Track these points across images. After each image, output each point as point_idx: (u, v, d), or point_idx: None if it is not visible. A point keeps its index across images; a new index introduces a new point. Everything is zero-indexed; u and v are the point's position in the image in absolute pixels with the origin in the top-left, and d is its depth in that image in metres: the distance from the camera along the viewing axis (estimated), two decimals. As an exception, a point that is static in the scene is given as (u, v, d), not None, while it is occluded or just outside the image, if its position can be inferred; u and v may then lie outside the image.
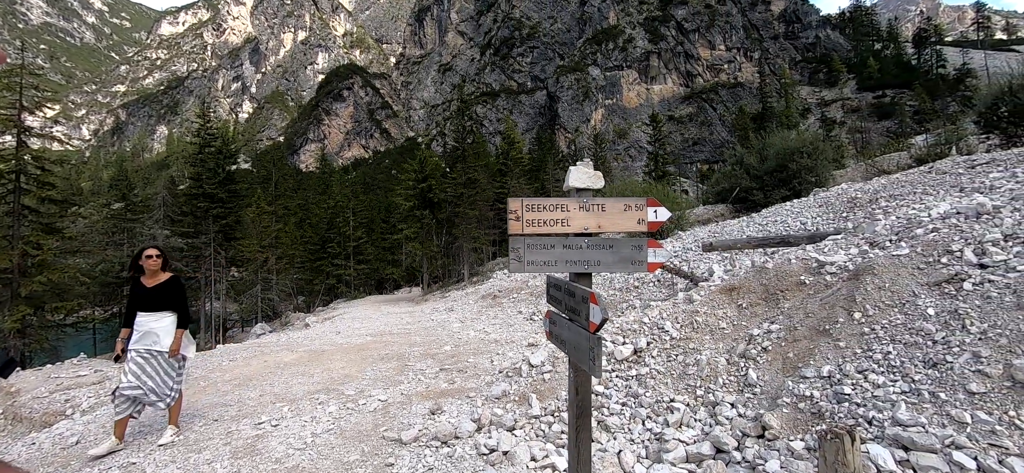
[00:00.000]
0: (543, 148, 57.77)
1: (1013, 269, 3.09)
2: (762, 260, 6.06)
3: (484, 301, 13.46)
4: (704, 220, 18.25)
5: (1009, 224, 3.66)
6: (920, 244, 3.92)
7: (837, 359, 3.22)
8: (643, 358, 4.43)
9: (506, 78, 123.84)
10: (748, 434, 3.01)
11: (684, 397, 3.75)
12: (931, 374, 2.72)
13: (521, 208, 1.96)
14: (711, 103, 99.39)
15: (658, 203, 2.06)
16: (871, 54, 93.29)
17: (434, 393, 5.15)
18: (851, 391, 2.89)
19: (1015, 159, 8.30)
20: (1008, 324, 2.72)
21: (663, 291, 8.14)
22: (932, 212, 5.11)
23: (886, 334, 3.19)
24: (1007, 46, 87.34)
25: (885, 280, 3.61)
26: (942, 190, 7.90)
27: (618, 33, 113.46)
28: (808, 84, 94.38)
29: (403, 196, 34.51)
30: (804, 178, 16.63)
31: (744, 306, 4.70)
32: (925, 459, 2.21)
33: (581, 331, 1.81)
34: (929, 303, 3.22)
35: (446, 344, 8.03)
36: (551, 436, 3.62)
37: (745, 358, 3.84)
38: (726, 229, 12.73)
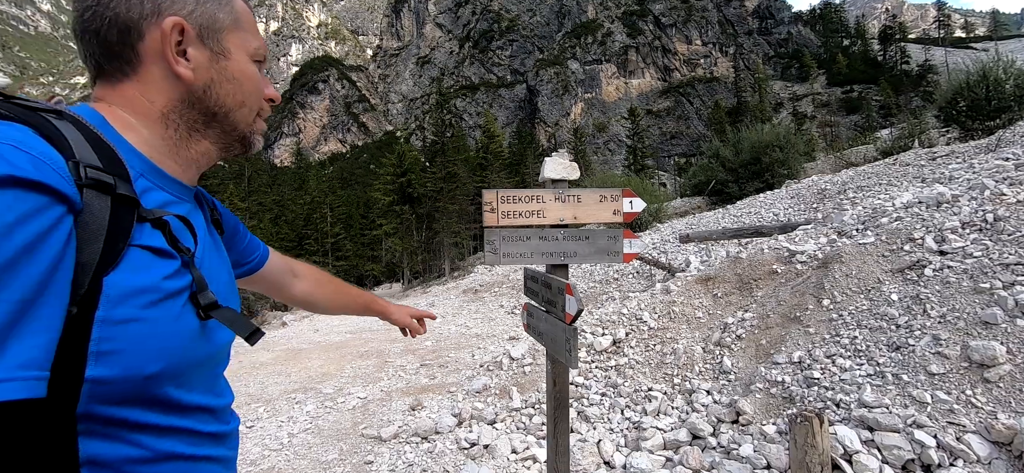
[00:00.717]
0: (523, 142, 57.82)
1: (970, 255, 3.23)
2: (737, 250, 6.20)
3: (465, 296, 13.42)
4: (681, 212, 18.61)
5: (967, 212, 3.83)
6: (885, 233, 4.07)
7: (807, 345, 3.32)
8: (622, 348, 4.49)
9: (485, 71, 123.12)
10: (723, 420, 3.08)
11: (662, 386, 3.82)
12: (894, 357, 2.82)
13: (496, 200, 1.94)
14: (688, 97, 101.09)
15: (633, 194, 2.07)
16: (840, 50, 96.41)
17: (414, 389, 5.10)
18: (820, 375, 2.98)
19: (972, 151, 8.71)
20: (965, 307, 2.84)
21: (642, 282, 8.26)
22: (896, 202, 5.31)
23: (853, 319, 3.30)
24: (966, 44, 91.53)
25: (852, 268, 3.74)
26: (905, 181, 8.23)
27: (597, 27, 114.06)
28: (780, 79, 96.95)
29: (382, 191, 34.07)
30: (777, 171, 17.10)
31: (719, 295, 4.80)
32: (889, 438, 2.30)
33: (558, 323, 1.81)
34: (893, 289, 3.34)
35: (427, 339, 7.97)
36: (532, 428, 3.64)
37: (720, 346, 3.92)
38: (702, 221, 13.00)
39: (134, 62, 0.58)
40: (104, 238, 0.47)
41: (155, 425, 0.53)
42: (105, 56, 0.58)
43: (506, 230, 1.97)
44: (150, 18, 0.57)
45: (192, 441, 0.58)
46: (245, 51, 0.66)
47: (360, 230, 39.67)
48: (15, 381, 0.39)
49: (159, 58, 0.59)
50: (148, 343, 0.49)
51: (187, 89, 0.61)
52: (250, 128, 0.68)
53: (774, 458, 2.52)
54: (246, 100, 0.66)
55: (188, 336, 0.54)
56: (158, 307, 0.51)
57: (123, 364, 0.47)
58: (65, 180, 0.44)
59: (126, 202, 0.50)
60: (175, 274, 0.54)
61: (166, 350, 0.51)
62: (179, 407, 0.56)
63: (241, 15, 0.66)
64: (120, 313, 0.47)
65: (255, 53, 0.67)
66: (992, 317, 2.65)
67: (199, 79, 0.61)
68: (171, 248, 0.54)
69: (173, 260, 0.54)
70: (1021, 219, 3.34)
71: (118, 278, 0.48)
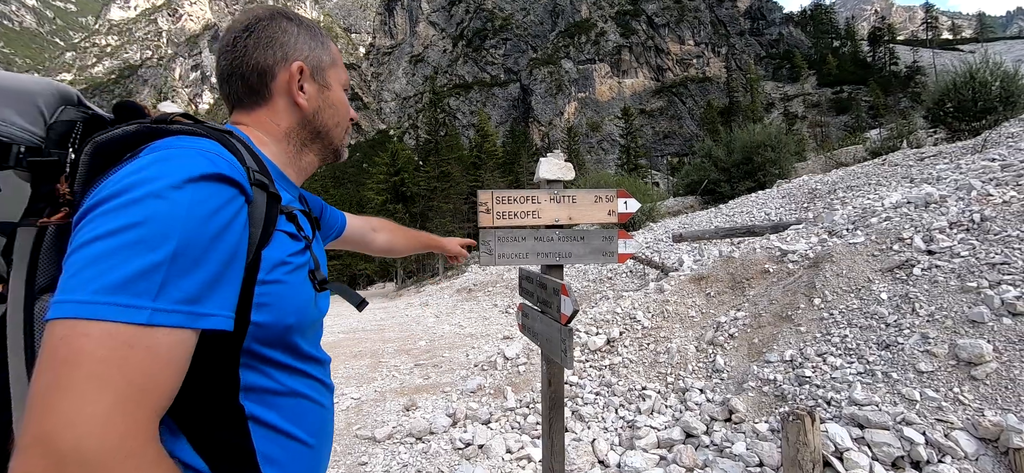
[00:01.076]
0: (517, 141, 57.83)
1: (957, 255, 3.28)
2: (729, 250, 6.25)
3: (459, 295, 13.40)
4: (674, 212, 18.71)
5: (954, 212, 3.89)
6: (874, 232, 4.12)
7: (798, 343, 3.36)
8: (616, 348, 4.50)
9: (479, 70, 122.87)
10: (716, 418, 3.10)
11: (655, 385, 3.84)
12: (884, 355, 2.86)
13: (491, 200, 1.94)
14: (681, 97, 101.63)
15: (628, 194, 2.07)
16: (830, 51, 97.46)
17: (408, 389, 5.09)
18: (811, 374, 3.01)
19: (959, 152, 8.84)
20: (953, 306, 2.89)
21: (635, 282, 8.30)
22: (885, 202, 5.38)
23: (843, 318, 3.34)
24: (952, 45, 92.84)
25: (842, 267, 3.78)
26: (894, 181, 8.35)
27: (590, 27, 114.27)
28: (772, 79, 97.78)
29: (375, 190, 33.89)
30: (768, 171, 17.25)
31: (712, 295, 4.83)
32: (879, 436, 2.33)
33: (553, 323, 1.81)
34: (882, 288, 3.39)
35: (421, 339, 7.95)
36: (526, 428, 3.64)
37: (713, 345, 3.95)
38: (695, 220, 13.08)
39: (266, 95, 0.78)
40: (263, 223, 0.64)
41: (288, 365, 0.70)
42: (246, 92, 0.78)
43: (501, 230, 1.97)
44: (281, 63, 0.78)
45: (311, 385, 0.75)
46: (339, 83, 0.87)
47: (353, 229, 39.34)
48: (219, 316, 0.56)
49: (285, 92, 0.79)
50: (288, 301, 0.67)
51: (303, 114, 0.81)
52: (341, 142, 0.89)
53: (766, 456, 2.55)
54: (341, 121, 0.87)
55: (309, 300, 0.71)
56: (293, 275, 0.68)
57: (273, 314, 0.65)
58: (245, 180, 0.61)
59: (274, 198, 0.67)
60: (301, 253, 0.71)
61: (298, 308, 0.68)
62: (303, 354, 0.73)
63: (336, 56, 0.87)
64: (272, 277, 0.65)
65: (344, 83, 0.88)
66: (979, 316, 2.69)
67: (311, 106, 0.81)
68: (298, 234, 0.72)
69: (300, 243, 0.72)
70: (1007, 219, 3.40)
71: (270, 252, 0.65)
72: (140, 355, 0.48)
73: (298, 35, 0.80)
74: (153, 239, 0.50)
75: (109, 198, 0.52)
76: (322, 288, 0.74)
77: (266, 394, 0.67)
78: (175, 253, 0.51)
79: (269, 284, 0.64)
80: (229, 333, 0.58)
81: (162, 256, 0.51)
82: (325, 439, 0.80)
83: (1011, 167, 4.85)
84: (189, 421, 0.60)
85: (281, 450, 0.68)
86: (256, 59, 0.76)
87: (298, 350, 0.72)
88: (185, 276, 0.52)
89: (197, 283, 0.53)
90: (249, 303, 0.61)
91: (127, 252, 0.49)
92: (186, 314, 0.52)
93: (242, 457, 0.63)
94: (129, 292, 0.49)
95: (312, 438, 0.74)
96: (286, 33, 0.79)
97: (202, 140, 0.61)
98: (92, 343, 0.46)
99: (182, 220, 0.52)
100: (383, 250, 1.39)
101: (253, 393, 0.65)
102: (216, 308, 0.55)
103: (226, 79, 0.78)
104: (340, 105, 0.86)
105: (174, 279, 0.51)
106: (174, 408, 0.56)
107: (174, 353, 0.52)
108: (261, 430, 0.66)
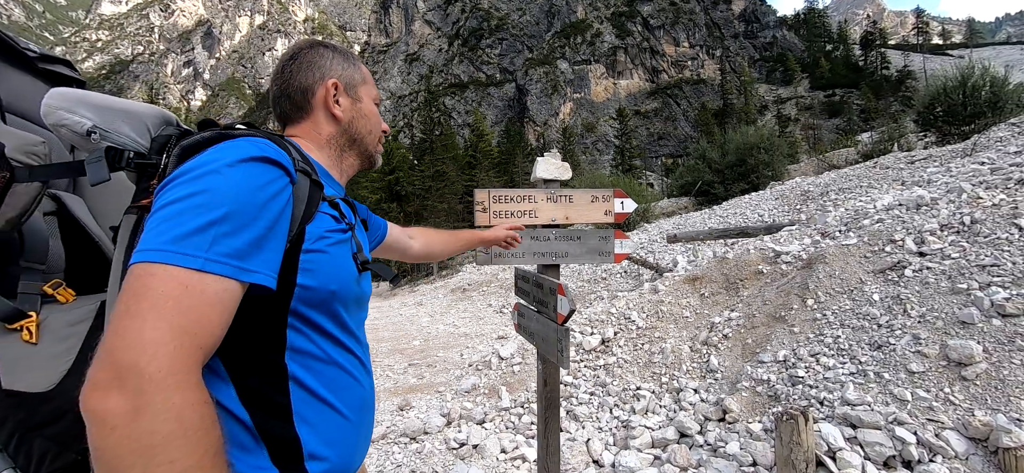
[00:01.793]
0: (512, 141, 57.80)
1: (948, 256, 3.32)
2: (723, 251, 6.29)
3: (454, 295, 13.37)
4: (669, 213, 18.79)
5: (945, 215, 3.93)
6: (866, 234, 4.16)
7: (792, 344, 3.38)
8: (610, 348, 4.51)
9: (475, 70, 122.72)
10: (710, 418, 3.11)
11: (650, 385, 3.85)
12: (876, 356, 2.89)
13: (488, 199, 1.93)
14: (675, 99, 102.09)
15: (625, 194, 2.07)
16: (823, 55, 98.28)
17: (403, 389, 5.07)
18: (805, 374, 3.03)
19: (949, 155, 8.95)
20: (944, 307, 2.92)
21: (630, 282, 8.32)
22: (877, 204, 5.44)
23: (836, 319, 3.37)
24: (943, 50, 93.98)
25: (835, 268, 3.81)
26: (886, 184, 8.43)
27: (586, 27, 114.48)
28: (765, 82, 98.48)
29: (369, 189, 33.73)
30: (762, 172, 17.38)
31: (706, 295, 4.86)
32: (871, 435, 2.35)
33: (549, 323, 1.81)
34: (874, 289, 3.42)
35: (415, 339, 7.92)
36: (521, 427, 3.63)
37: (707, 345, 3.97)
38: (689, 221, 13.15)
39: (309, 109, 0.93)
40: (306, 203, 0.74)
41: (331, 334, 0.79)
42: (292, 108, 0.93)
43: (498, 230, 1.96)
44: (319, 82, 0.92)
45: (351, 362, 0.83)
46: (369, 98, 1.00)
47: (347, 228, 39.20)
48: (262, 273, 0.65)
49: (323, 105, 0.93)
50: (330, 269, 0.77)
51: (339, 124, 0.94)
52: (375, 149, 1.03)
53: (760, 455, 2.56)
54: (372, 130, 1.00)
55: (352, 275, 0.82)
56: (336, 248, 0.79)
57: (318, 278, 0.75)
58: (290, 165, 0.72)
59: (317, 185, 0.79)
60: (342, 232, 0.82)
61: (339, 277, 0.78)
62: (345, 325, 0.82)
63: (367, 76, 1.01)
64: (316, 246, 0.75)
65: (375, 98, 1.03)
66: (969, 317, 2.73)
67: (346, 117, 0.95)
68: (341, 218, 0.83)
69: (342, 224, 0.83)
70: (996, 222, 3.45)
71: (313, 227, 0.75)
72: (193, 296, 0.58)
73: (333, 58, 0.95)
74: (210, 204, 0.61)
75: (180, 175, 0.65)
76: (364, 268, 0.85)
77: (309, 358, 0.75)
78: (226, 215, 0.62)
79: (313, 253, 0.74)
80: (274, 293, 0.68)
81: (216, 216, 0.61)
82: (365, 417, 0.87)
83: (1000, 170, 4.92)
84: (238, 371, 0.69)
85: (317, 414, 0.75)
86: (300, 80, 0.92)
87: (340, 319, 0.81)
88: (234, 235, 0.62)
89: (244, 242, 0.63)
90: (295, 268, 0.72)
91: (190, 213, 0.61)
92: (233, 267, 0.62)
93: (280, 412, 0.71)
94: (189, 244, 0.59)
95: (351, 412, 0.81)
96: (323, 58, 0.94)
97: (259, 139, 0.73)
98: (157, 281, 0.57)
99: (234, 190, 0.63)
100: (420, 255, 1.47)
101: (297, 355, 0.74)
102: (259, 265, 0.65)
103: (277, 100, 0.94)
104: (371, 116, 0.99)
105: (224, 237, 0.61)
106: (227, 359, 0.68)
107: (221, 298, 0.61)
108: (300, 391, 0.73)
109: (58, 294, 0.91)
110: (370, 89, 1.01)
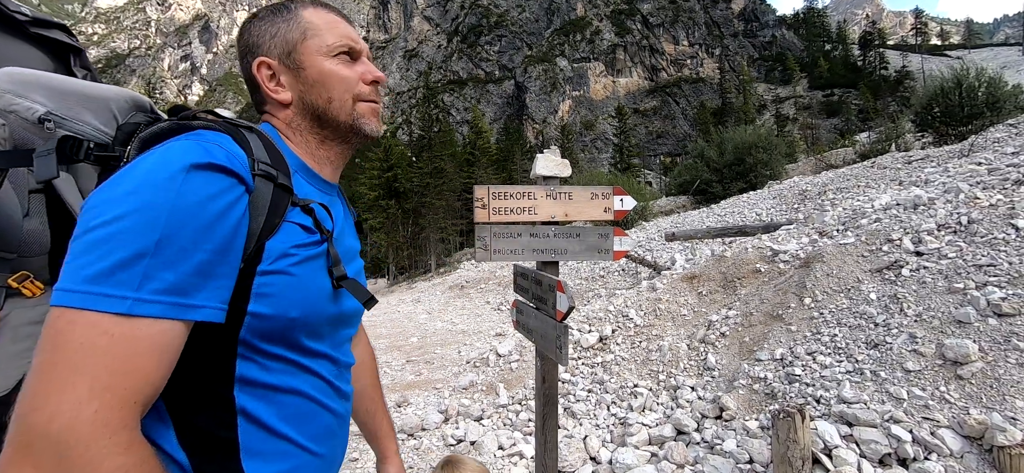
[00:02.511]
0: (511, 138, 57.76)
1: (945, 256, 3.33)
2: (721, 249, 6.30)
3: (452, 292, 13.37)
4: (667, 211, 18.82)
5: (942, 215, 3.95)
6: (864, 233, 4.17)
7: (789, 342, 3.39)
8: (608, 345, 4.52)
9: (474, 66, 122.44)
10: (707, 415, 3.13)
11: (647, 382, 3.86)
12: (873, 354, 2.90)
13: (488, 196, 1.93)
14: (674, 97, 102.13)
15: (624, 192, 2.08)
16: (822, 54, 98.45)
17: (400, 386, 5.07)
18: (801, 372, 3.05)
19: (946, 155, 8.98)
20: (940, 307, 2.93)
21: (628, 280, 8.34)
22: (875, 204, 5.45)
23: (833, 318, 3.38)
24: (941, 51, 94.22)
25: (833, 267, 3.83)
26: (883, 183, 8.46)
27: (586, 25, 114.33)
28: (764, 81, 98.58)
29: (368, 185, 33.65)
30: (760, 171, 17.42)
31: (704, 293, 4.87)
32: (867, 433, 2.36)
33: (548, 320, 1.81)
34: (871, 288, 3.43)
35: (413, 336, 7.92)
36: (518, 424, 3.64)
37: (705, 343, 3.98)
38: (687, 219, 13.17)
39: (262, 98, 0.78)
40: (267, 213, 0.63)
41: (292, 360, 0.68)
42: (256, 98, 0.79)
43: (497, 226, 1.96)
44: (252, 64, 0.76)
45: (319, 387, 0.72)
46: (319, 54, 0.76)
47: (345, 224, 39.09)
48: (208, 308, 0.56)
49: (268, 92, 0.77)
50: (292, 293, 0.65)
51: (290, 107, 0.77)
52: (351, 116, 0.77)
53: (756, 453, 2.57)
54: (332, 95, 0.76)
55: (323, 295, 0.69)
56: (302, 267, 0.66)
57: (275, 305, 0.63)
58: (245, 170, 0.61)
59: (283, 189, 0.66)
60: (315, 245, 0.69)
61: (305, 301, 0.66)
62: (311, 351, 0.70)
63: (309, 25, 0.76)
64: (276, 267, 0.63)
65: (332, 48, 0.76)
66: (965, 316, 2.74)
67: (293, 95, 0.76)
68: (315, 228, 0.70)
69: (315, 235, 0.69)
70: (993, 222, 3.46)
71: (275, 243, 0.64)
72: (121, 345, 0.50)
73: (261, 29, 0.76)
74: (139, 228, 0.51)
75: (106, 189, 0.54)
76: (340, 285, 0.71)
77: (263, 389, 0.65)
78: (160, 242, 0.52)
79: (271, 274, 0.63)
80: (222, 324, 0.58)
81: (147, 244, 0.51)
82: (334, 448, 0.75)
83: (997, 171, 4.93)
84: (179, 409, 0.60)
85: (272, 448, 0.66)
86: (244, 68, 0.78)
87: (304, 348, 0.69)
88: (171, 266, 0.52)
89: (184, 272, 0.53)
90: (247, 294, 0.61)
91: (115, 242, 0.51)
92: (170, 305, 0.52)
93: (224, 450, 0.62)
94: (112, 282, 0.50)
95: (315, 444, 0.70)
96: (252, 34, 0.77)
97: (216, 134, 0.63)
98: (75, 330, 0.49)
99: (169, 210, 0.53)
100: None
101: (249, 387, 0.64)
102: (205, 299, 0.55)
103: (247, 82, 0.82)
104: (328, 78, 0.75)
105: (159, 269, 0.52)
106: (167, 395, 0.58)
107: (157, 343, 0.52)
108: (251, 427, 0.64)
109: (24, 288, 0.80)
110: (320, 39, 0.76)
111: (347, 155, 0.84)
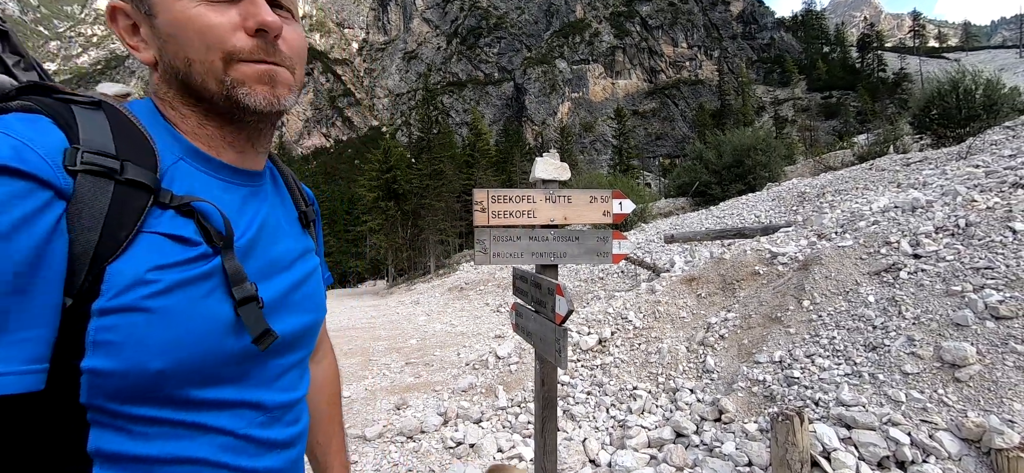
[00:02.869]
0: (510, 140, 57.79)
1: (942, 259, 3.34)
2: (720, 251, 6.31)
3: (451, 294, 13.37)
4: (666, 213, 18.84)
5: (940, 217, 3.96)
6: (862, 236, 4.18)
7: (787, 345, 3.40)
8: (607, 348, 4.52)
9: (473, 68, 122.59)
10: (706, 418, 3.13)
11: (646, 384, 3.86)
12: (871, 357, 2.91)
13: (487, 199, 1.93)
14: (673, 99, 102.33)
15: (623, 195, 2.08)
16: (820, 57, 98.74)
17: (399, 388, 5.06)
18: (800, 375, 3.05)
19: (944, 158, 9.01)
20: (938, 309, 2.94)
21: (627, 282, 8.35)
22: (873, 206, 5.47)
23: (832, 320, 3.39)
24: (939, 53, 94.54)
25: (831, 270, 3.83)
26: (882, 186, 8.48)
27: (585, 27, 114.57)
28: (763, 83, 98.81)
29: (367, 187, 33.65)
30: (758, 173, 17.45)
31: (703, 296, 4.88)
32: (865, 436, 2.37)
33: (547, 323, 1.81)
34: (870, 291, 3.44)
35: (412, 337, 7.92)
36: (518, 427, 3.64)
37: (704, 345, 3.99)
38: (686, 222, 13.19)
39: None
40: (102, 225, 0.45)
41: (171, 420, 0.49)
42: None
43: (497, 230, 1.97)
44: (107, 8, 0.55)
45: (222, 447, 0.52)
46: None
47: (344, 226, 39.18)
48: (11, 376, 0.39)
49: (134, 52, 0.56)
50: (155, 335, 0.46)
51: (153, 66, 0.55)
52: (221, 82, 0.52)
53: (755, 455, 2.58)
54: (189, 53, 0.52)
55: (218, 329, 0.50)
56: (170, 296, 0.47)
57: (123, 357, 0.45)
58: (51, 166, 0.42)
59: (138, 187, 0.47)
60: (200, 261, 0.50)
61: (179, 344, 0.47)
62: (206, 404, 0.51)
63: None
64: (121, 302, 0.45)
65: None
66: (963, 319, 2.75)
67: (152, 53, 0.54)
68: (201, 237, 0.50)
69: (200, 246, 0.50)
70: (991, 225, 3.47)
71: (122, 266, 0.45)
72: None
73: None
74: None
75: None
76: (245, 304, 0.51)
77: (134, 464, 0.47)
78: None
79: (116, 313, 0.44)
80: (40, 392, 0.41)
81: None
82: None
83: (995, 174, 4.95)
84: None
85: None
86: None
87: (192, 401, 0.50)
88: None
89: None
90: (80, 345, 0.44)
91: None
92: None
93: None
94: None
95: None
96: None
97: (26, 117, 0.45)
98: None
99: None
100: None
101: (111, 463, 0.47)
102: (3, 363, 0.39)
103: None
104: (179, 28, 0.51)
105: None
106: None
107: None
108: None
109: None
110: None
111: (257, 134, 0.60)
